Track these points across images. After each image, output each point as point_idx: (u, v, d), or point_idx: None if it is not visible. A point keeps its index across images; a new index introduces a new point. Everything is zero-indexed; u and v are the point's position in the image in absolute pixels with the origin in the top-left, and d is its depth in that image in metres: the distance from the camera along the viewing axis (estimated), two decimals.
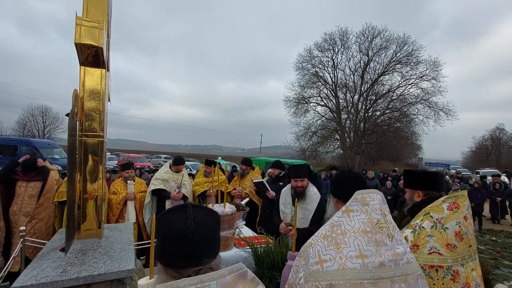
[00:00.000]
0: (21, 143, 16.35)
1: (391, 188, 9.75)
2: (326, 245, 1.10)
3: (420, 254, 1.45)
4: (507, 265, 5.31)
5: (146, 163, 25.31)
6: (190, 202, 0.90)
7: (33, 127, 37.26)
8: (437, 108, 26.84)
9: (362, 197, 1.19)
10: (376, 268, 1.04)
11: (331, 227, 1.16)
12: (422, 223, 1.55)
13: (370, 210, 1.16)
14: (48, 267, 1.74)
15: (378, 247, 1.08)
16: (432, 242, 1.46)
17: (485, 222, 8.98)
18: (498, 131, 42.63)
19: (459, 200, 1.55)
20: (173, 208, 0.91)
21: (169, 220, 0.85)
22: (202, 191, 4.37)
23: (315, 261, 1.07)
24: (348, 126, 31.74)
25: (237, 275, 0.81)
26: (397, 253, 1.09)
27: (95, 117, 2.24)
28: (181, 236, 0.81)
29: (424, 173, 1.83)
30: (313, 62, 30.97)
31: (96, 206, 2.24)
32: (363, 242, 1.08)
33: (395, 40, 27.96)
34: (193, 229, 0.82)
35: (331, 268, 1.04)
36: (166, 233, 0.85)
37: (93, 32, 2.01)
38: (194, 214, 0.86)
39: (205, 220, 0.87)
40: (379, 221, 1.14)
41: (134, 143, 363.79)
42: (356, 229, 1.12)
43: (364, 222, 1.13)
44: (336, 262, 1.05)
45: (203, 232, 0.84)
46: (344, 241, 1.09)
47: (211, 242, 0.87)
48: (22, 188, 3.44)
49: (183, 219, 0.84)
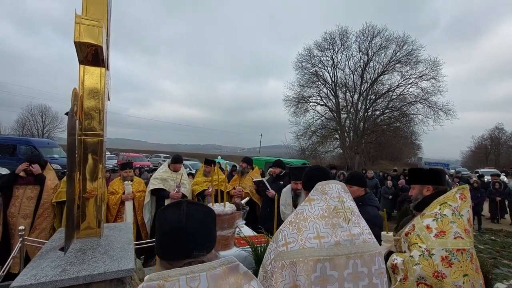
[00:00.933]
0: (20, 142, 16.31)
1: (391, 187, 9.75)
2: (291, 230, 1.28)
3: (448, 239, 1.57)
4: (507, 264, 5.32)
5: (145, 162, 25.31)
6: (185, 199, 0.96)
7: (33, 126, 37.21)
8: (437, 108, 26.90)
9: (322, 188, 1.38)
10: (332, 246, 1.21)
11: (295, 214, 1.35)
12: (442, 211, 1.69)
13: (328, 198, 1.35)
14: (48, 267, 1.74)
15: (334, 229, 1.26)
16: (455, 228, 1.60)
17: (484, 221, 8.99)
18: (497, 131, 42.74)
19: (465, 192, 1.77)
20: (170, 204, 0.96)
21: (164, 216, 0.90)
22: (200, 190, 4.37)
23: (282, 243, 1.26)
24: (347, 125, 31.76)
25: (228, 268, 0.83)
26: (353, 233, 1.27)
27: (95, 116, 2.23)
28: (173, 230, 0.85)
29: (432, 169, 2.02)
30: (312, 61, 31.02)
31: (96, 205, 2.24)
32: (321, 225, 1.27)
33: (395, 39, 28.02)
34: (184, 223, 0.85)
35: (294, 248, 1.21)
36: (161, 228, 0.89)
37: (93, 30, 2.00)
38: (188, 210, 0.89)
39: (199, 215, 0.90)
40: (336, 207, 1.33)
41: (134, 143, 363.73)
42: (316, 214, 1.30)
43: (323, 208, 1.32)
44: (297, 243, 1.22)
45: (195, 227, 0.87)
46: (305, 226, 1.27)
47: (204, 237, 0.90)
48: (20, 190, 3.40)
49: (177, 214, 0.87)
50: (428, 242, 1.59)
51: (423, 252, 1.58)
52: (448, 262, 1.50)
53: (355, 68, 30.47)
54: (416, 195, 1.98)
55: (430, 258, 1.54)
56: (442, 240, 1.57)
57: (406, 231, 1.77)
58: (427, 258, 1.54)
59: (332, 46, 30.01)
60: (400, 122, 30.55)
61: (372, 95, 30.55)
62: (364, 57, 29.74)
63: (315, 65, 30.98)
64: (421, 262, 1.54)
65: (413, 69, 27.90)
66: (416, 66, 27.64)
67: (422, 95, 27.71)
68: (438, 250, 1.54)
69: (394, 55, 28.42)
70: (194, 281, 0.76)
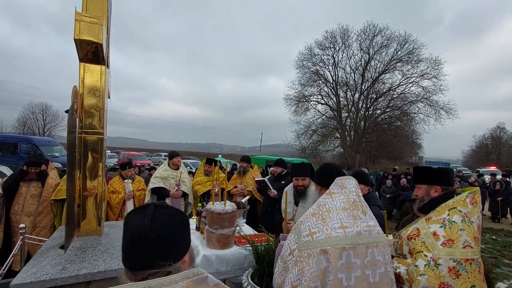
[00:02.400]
0: (21, 140, 16.33)
1: (391, 186, 9.74)
2: (315, 221, 1.35)
3: (456, 249, 1.47)
4: (507, 264, 5.31)
5: (146, 161, 25.33)
6: (154, 202, 0.88)
7: (33, 124, 37.25)
8: (438, 107, 26.79)
9: (341, 182, 1.48)
10: (354, 235, 1.30)
11: (318, 206, 1.42)
12: (451, 218, 1.57)
13: (347, 192, 1.45)
14: (48, 265, 1.73)
15: (355, 220, 1.36)
16: (465, 236, 1.50)
17: (485, 221, 8.98)
18: (498, 130, 42.57)
19: (476, 196, 1.66)
20: (138, 207, 0.89)
21: (129, 221, 0.83)
22: (205, 190, 4.34)
23: (306, 234, 1.32)
24: (348, 124, 31.69)
25: (194, 281, 0.72)
26: (370, 225, 1.37)
27: (95, 114, 2.23)
28: (135, 237, 0.78)
29: (441, 169, 1.88)
30: (313, 60, 30.90)
31: (96, 203, 2.24)
32: (343, 216, 1.35)
33: (396, 38, 27.88)
34: (148, 229, 0.78)
35: (320, 238, 1.28)
36: (124, 234, 0.82)
37: (93, 28, 1.99)
38: (154, 214, 0.81)
39: (167, 220, 0.83)
40: (355, 200, 1.43)
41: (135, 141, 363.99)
42: (338, 207, 1.39)
43: (343, 201, 1.41)
44: (323, 232, 1.29)
45: (161, 233, 0.79)
46: (329, 217, 1.35)
47: (171, 244, 0.81)
48: (23, 188, 3.41)
49: (141, 219, 0.80)
50: (434, 251, 1.49)
51: (428, 261, 1.47)
52: (456, 273, 1.41)
53: (356, 67, 30.38)
54: (422, 195, 1.83)
55: (436, 268, 1.44)
56: (450, 249, 1.46)
57: (409, 235, 1.66)
58: (433, 268, 1.44)
59: (333, 45, 29.92)
60: (401, 121, 30.46)
61: (373, 94, 30.46)
62: (365, 56, 29.66)
63: (316, 63, 30.88)
64: (427, 272, 1.44)
65: (414, 68, 27.81)
66: (417, 65, 27.54)
67: (423, 94, 27.63)
68: (445, 260, 1.44)
69: (395, 54, 28.31)
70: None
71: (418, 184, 1.90)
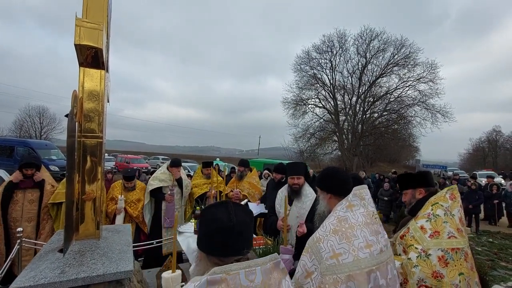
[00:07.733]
0: (18, 144, 16.24)
1: (388, 189, 9.77)
2: (338, 240, 1.19)
3: (442, 239, 1.59)
4: (504, 266, 5.34)
5: (144, 164, 25.26)
6: (230, 200, 1.07)
7: (30, 127, 37.03)
8: (434, 110, 27.00)
9: (360, 193, 1.34)
10: (378, 254, 1.20)
11: (339, 221, 1.26)
12: (435, 212, 1.71)
13: (366, 203, 1.32)
14: (46, 268, 1.73)
15: (377, 236, 1.25)
16: (448, 228, 1.63)
17: (481, 223, 9.02)
18: (494, 133, 42.95)
19: (454, 192, 1.80)
20: (215, 203, 1.03)
21: (214, 214, 0.97)
22: (201, 193, 4.37)
23: (330, 256, 1.16)
24: (346, 127, 31.82)
25: (274, 263, 0.92)
26: (386, 238, 1.28)
27: (94, 118, 2.24)
28: (225, 228, 0.92)
29: (422, 172, 2.06)
30: (311, 64, 31.12)
31: (95, 207, 2.24)
32: (367, 233, 1.23)
33: (393, 42, 28.15)
34: (235, 222, 0.93)
35: (347, 261, 1.14)
36: (211, 226, 0.95)
37: (93, 33, 2.01)
38: (235, 211, 0.97)
39: (243, 215, 0.98)
40: (374, 212, 1.32)
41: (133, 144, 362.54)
42: (360, 222, 1.25)
43: (364, 215, 1.28)
44: (350, 254, 1.15)
45: (243, 226, 0.95)
46: (353, 234, 1.21)
47: (249, 235, 1.00)
48: (20, 194, 3.34)
49: (226, 214, 0.95)
50: (424, 242, 1.61)
51: (419, 253, 1.58)
52: (445, 261, 1.52)
53: (353, 70, 30.62)
54: (409, 199, 1.99)
55: (427, 258, 1.55)
56: (437, 240, 1.59)
57: (401, 234, 1.77)
58: (424, 259, 1.55)
59: (330, 49, 30.16)
60: (398, 125, 30.63)
61: (370, 97, 30.67)
62: (362, 59, 29.91)
63: (314, 67, 31.11)
64: (419, 263, 1.55)
65: (411, 71, 28.06)
66: (414, 68, 27.79)
67: (419, 98, 27.84)
68: (434, 250, 1.55)
69: (392, 57, 28.57)
70: (252, 275, 0.85)
71: (404, 190, 2.05)
